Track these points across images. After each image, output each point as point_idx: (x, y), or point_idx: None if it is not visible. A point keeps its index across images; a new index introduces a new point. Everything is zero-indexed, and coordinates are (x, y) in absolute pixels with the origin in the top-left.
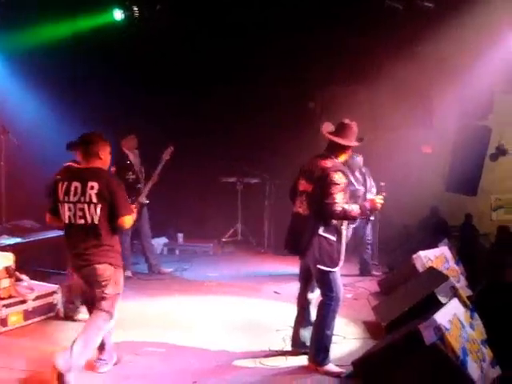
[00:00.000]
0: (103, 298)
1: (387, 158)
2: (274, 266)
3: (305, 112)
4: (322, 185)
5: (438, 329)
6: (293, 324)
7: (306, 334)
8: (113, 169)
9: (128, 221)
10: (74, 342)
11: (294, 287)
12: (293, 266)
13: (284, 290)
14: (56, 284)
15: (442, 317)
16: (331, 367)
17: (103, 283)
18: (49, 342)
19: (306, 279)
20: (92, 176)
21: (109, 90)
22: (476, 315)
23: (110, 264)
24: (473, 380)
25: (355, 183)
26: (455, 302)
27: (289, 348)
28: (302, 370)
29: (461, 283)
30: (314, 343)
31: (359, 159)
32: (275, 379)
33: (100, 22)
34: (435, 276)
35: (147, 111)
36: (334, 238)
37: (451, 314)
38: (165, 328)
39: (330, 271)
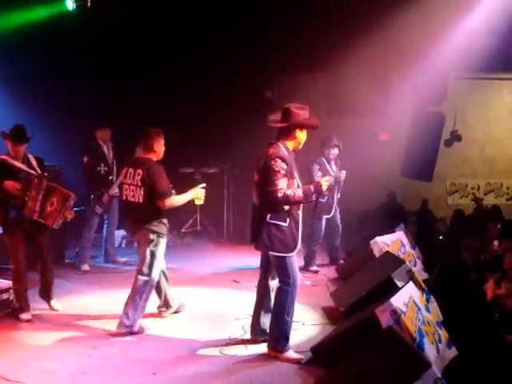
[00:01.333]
0: (143, 259)
1: (345, 144)
2: (233, 256)
3: (262, 101)
4: (265, 173)
5: (395, 312)
6: (252, 312)
7: (266, 321)
8: (85, 159)
9: (165, 202)
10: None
11: (253, 276)
12: (252, 255)
13: (243, 279)
14: (7, 280)
15: (398, 300)
16: (291, 354)
17: (147, 244)
18: (5, 339)
19: (266, 266)
20: (140, 164)
21: (57, 80)
22: (432, 298)
23: (152, 232)
24: (429, 361)
25: (331, 173)
26: (411, 285)
27: (249, 336)
28: (262, 358)
29: (417, 267)
30: (273, 330)
31: (335, 151)
32: (235, 368)
33: (52, 11)
34: (391, 260)
35: (100, 102)
36: (285, 224)
37: (407, 298)
38: None
39: (284, 256)
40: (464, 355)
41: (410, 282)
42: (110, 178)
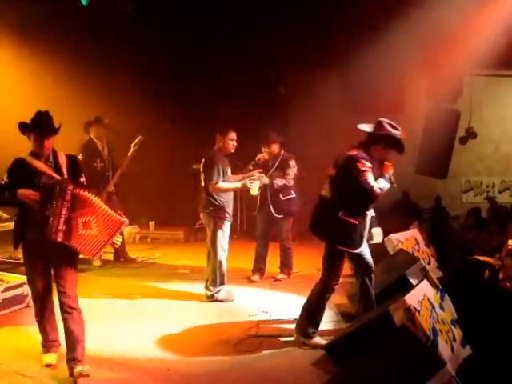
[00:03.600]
0: (207, 240)
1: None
2: (246, 252)
3: (275, 97)
4: (347, 173)
5: (409, 310)
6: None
7: None
8: (80, 156)
9: (213, 187)
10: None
11: (266, 273)
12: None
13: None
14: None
15: (412, 298)
16: (319, 340)
17: (207, 227)
18: (20, 334)
19: None
20: (204, 155)
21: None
22: (446, 296)
23: (209, 215)
24: (444, 360)
25: None
26: (425, 283)
27: (262, 333)
28: (275, 355)
29: (431, 265)
30: (306, 316)
31: None
32: (248, 364)
33: None
34: (406, 258)
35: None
36: (356, 222)
37: (421, 295)
38: (138, 316)
39: (347, 252)
40: (478, 354)
41: (425, 280)
42: (107, 174)
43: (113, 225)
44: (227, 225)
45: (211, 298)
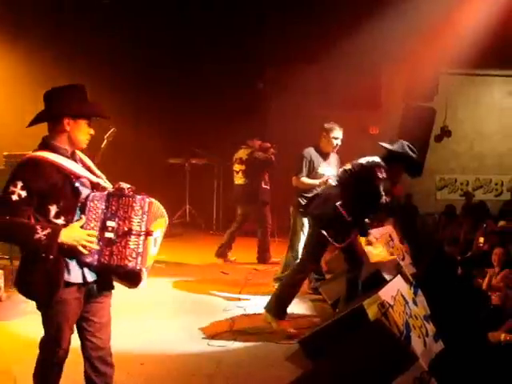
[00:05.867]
0: None
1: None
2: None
3: (253, 92)
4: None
5: (382, 305)
6: None
7: None
8: None
9: (293, 180)
10: None
11: (242, 267)
12: (240, 248)
13: (231, 271)
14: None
15: (385, 293)
16: (286, 326)
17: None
18: None
19: None
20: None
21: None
22: (419, 291)
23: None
24: (416, 355)
25: None
26: (399, 278)
27: (236, 328)
28: (249, 349)
29: (405, 261)
30: (277, 295)
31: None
32: (223, 359)
33: None
34: None
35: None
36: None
37: (395, 291)
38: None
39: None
40: (450, 349)
41: (398, 276)
42: None
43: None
44: None
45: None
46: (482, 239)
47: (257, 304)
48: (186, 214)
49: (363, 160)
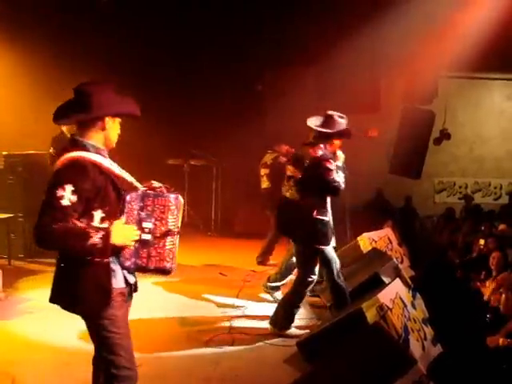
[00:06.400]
0: None
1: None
2: (220, 249)
3: (252, 94)
4: (316, 173)
5: (381, 308)
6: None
7: None
8: (51, 150)
9: None
10: None
11: (240, 269)
12: (239, 249)
13: (230, 272)
14: None
15: (384, 296)
16: (295, 331)
17: None
18: None
19: None
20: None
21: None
22: (418, 295)
23: None
24: (415, 358)
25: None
26: (398, 282)
27: (234, 329)
28: (248, 351)
29: (404, 264)
30: (283, 310)
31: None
32: (221, 361)
33: None
34: (379, 257)
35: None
36: (327, 219)
37: (393, 294)
38: None
39: (322, 249)
40: (448, 352)
41: (397, 279)
42: None
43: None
44: None
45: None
46: (482, 241)
47: (255, 306)
48: (185, 214)
49: (308, 162)
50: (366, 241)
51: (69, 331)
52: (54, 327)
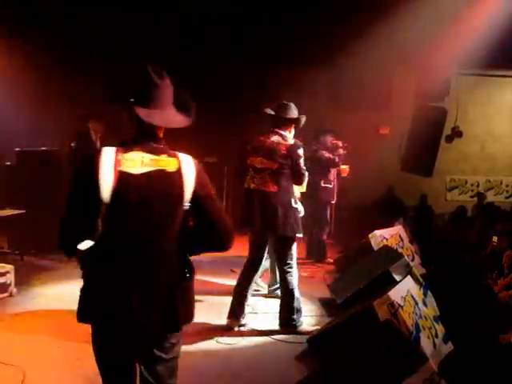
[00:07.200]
0: None
1: (346, 137)
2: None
3: (264, 92)
4: (291, 160)
5: (392, 305)
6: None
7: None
8: (73, 144)
9: None
10: None
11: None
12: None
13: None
14: (11, 264)
15: (395, 294)
16: (307, 327)
17: None
18: (2, 323)
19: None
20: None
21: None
22: (429, 292)
23: None
24: (426, 355)
25: None
26: (409, 279)
27: (245, 326)
28: (258, 347)
29: (415, 261)
30: (288, 308)
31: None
32: (231, 358)
33: None
34: (390, 254)
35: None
36: (297, 207)
37: (405, 291)
38: None
39: (297, 237)
40: (460, 350)
41: (408, 276)
42: None
43: None
44: None
45: None
46: (495, 238)
47: (265, 302)
48: None
49: (282, 151)
50: (378, 238)
51: (80, 326)
52: (66, 322)
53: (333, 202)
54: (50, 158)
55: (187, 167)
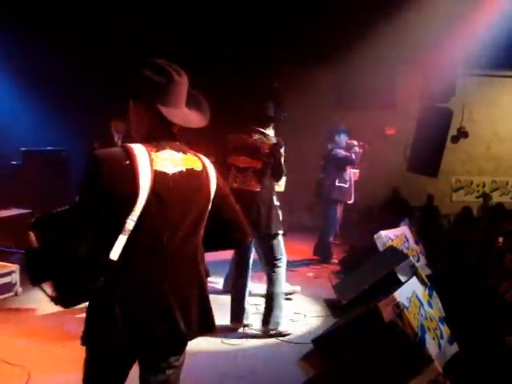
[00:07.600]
0: None
1: (352, 138)
2: None
3: (269, 91)
4: (274, 158)
5: (397, 306)
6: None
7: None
8: (96, 145)
9: None
10: None
11: (256, 265)
12: None
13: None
14: (16, 264)
15: (401, 294)
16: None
17: None
18: (8, 323)
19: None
20: None
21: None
22: (434, 293)
23: None
24: (431, 357)
25: None
26: (414, 280)
27: (249, 326)
28: (263, 348)
29: (420, 262)
30: (276, 308)
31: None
32: (236, 358)
33: None
34: (395, 255)
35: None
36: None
37: (410, 292)
38: None
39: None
40: (465, 352)
41: (414, 277)
42: None
43: None
44: None
45: None
46: (501, 239)
47: None
48: None
49: (266, 150)
50: (383, 239)
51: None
52: (71, 321)
53: (349, 202)
54: (55, 157)
55: (209, 166)
